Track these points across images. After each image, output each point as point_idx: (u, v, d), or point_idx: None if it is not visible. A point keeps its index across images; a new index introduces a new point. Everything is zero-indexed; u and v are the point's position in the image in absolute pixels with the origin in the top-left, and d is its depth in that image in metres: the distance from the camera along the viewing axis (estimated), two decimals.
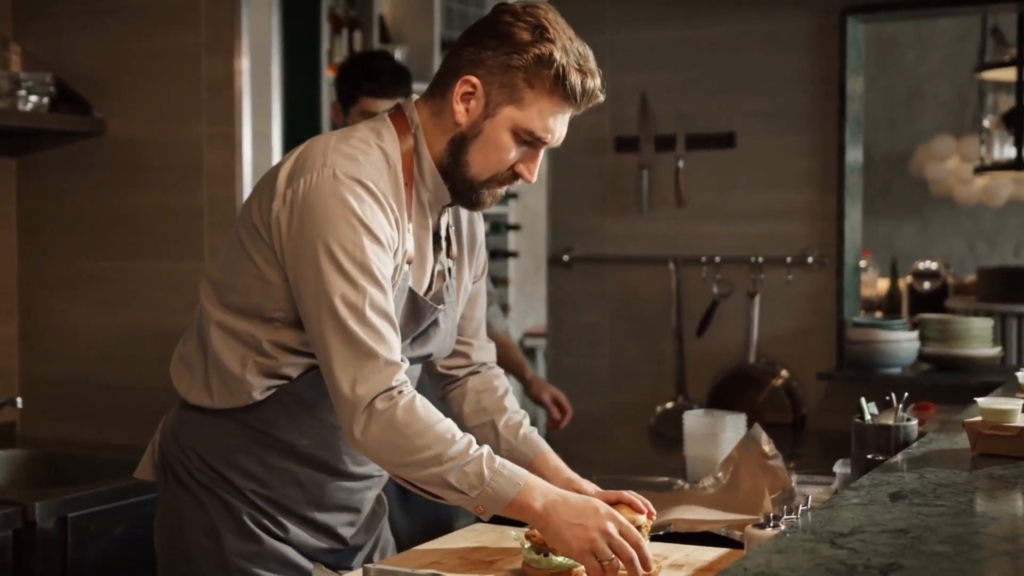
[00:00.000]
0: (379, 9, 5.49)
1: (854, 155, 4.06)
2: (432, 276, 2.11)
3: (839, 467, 2.48)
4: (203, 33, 3.32)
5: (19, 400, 3.24)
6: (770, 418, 3.94)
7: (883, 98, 7.48)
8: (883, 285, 5.89)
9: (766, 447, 2.51)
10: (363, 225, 1.91)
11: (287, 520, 2.10)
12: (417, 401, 1.89)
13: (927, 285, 5.66)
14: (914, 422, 2.35)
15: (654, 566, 1.91)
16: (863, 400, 2.38)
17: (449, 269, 2.15)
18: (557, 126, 2.00)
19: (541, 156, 2.04)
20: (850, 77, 4.00)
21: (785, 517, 1.85)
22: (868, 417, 2.35)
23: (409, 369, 2.01)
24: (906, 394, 2.41)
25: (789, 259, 4.09)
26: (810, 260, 4.06)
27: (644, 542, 1.89)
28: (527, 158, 2.02)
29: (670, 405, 4.21)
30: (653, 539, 2.10)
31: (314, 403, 2.05)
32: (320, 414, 2.06)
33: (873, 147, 6.30)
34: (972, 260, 7.42)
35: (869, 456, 2.28)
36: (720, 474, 2.57)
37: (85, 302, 3.51)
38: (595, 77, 1.99)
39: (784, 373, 4.11)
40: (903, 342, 3.88)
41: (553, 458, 2.18)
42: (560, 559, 1.92)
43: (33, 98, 3.32)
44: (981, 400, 2.19)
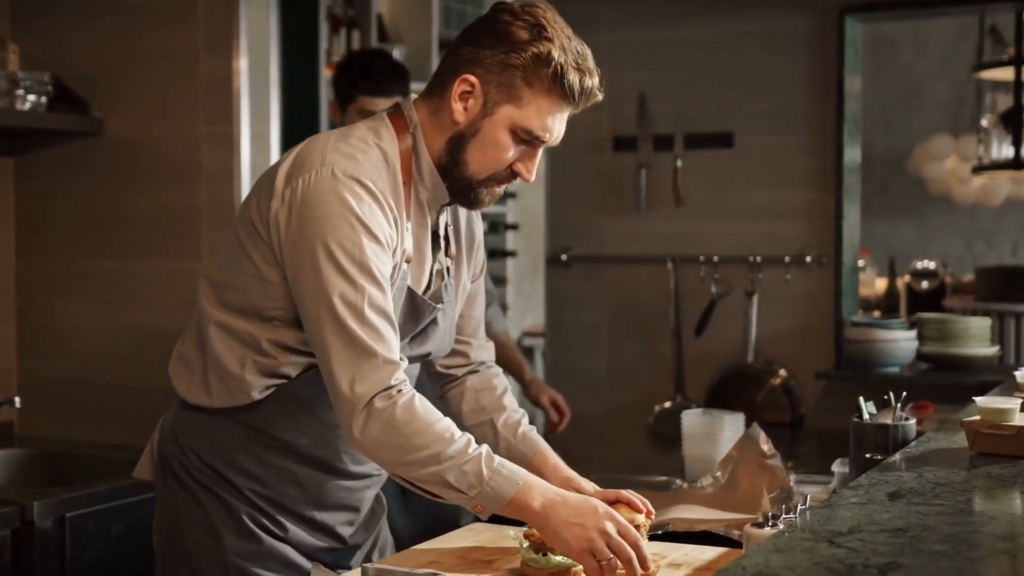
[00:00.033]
0: (377, 8, 5.49)
1: (852, 155, 4.06)
2: (431, 275, 2.11)
3: (837, 466, 2.48)
4: (201, 33, 3.32)
5: (17, 399, 3.24)
6: (768, 417, 3.93)
7: (881, 98, 7.47)
8: (881, 284, 5.89)
9: (764, 446, 2.51)
10: (362, 224, 1.90)
11: (286, 519, 2.10)
12: (416, 400, 1.89)
13: (925, 284, 5.66)
14: (912, 421, 2.35)
15: (652, 565, 1.91)
16: (861, 399, 2.38)
17: (448, 268, 2.15)
18: (555, 125, 2.00)
19: (539, 155, 2.04)
20: (848, 77, 4.00)
21: (783, 516, 1.84)
22: (866, 416, 2.35)
23: (408, 368, 2.01)
24: (904, 393, 2.41)
25: (787, 259, 4.09)
26: (808, 259, 4.06)
27: (643, 541, 1.89)
28: (525, 157, 2.02)
29: (668, 404, 4.21)
30: (651, 538, 2.10)
31: (313, 402, 2.05)
32: (319, 413, 2.06)
33: (871, 147, 6.30)
34: (970, 259, 7.42)
35: (867, 455, 2.28)
36: (718, 473, 2.57)
37: (83, 301, 3.51)
38: (593, 76, 1.99)
39: (782, 372, 4.11)
40: (901, 341, 3.88)
41: (552, 457, 2.18)
42: (559, 558, 1.92)
43: (31, 97, 3.32)
44: (979, 399, 2.19)
